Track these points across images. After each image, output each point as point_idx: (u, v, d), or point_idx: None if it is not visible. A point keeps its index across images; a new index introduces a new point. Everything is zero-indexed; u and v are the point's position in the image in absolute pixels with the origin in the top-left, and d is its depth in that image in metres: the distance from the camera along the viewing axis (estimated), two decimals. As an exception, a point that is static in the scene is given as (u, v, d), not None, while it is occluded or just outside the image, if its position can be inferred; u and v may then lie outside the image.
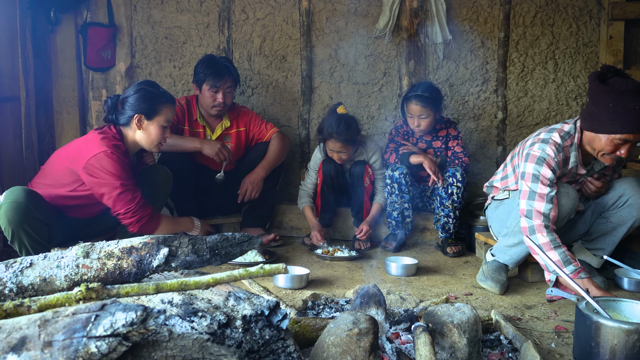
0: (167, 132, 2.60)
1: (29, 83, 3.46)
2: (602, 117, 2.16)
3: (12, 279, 1.32)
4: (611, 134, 2.15)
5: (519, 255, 2.45)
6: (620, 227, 2.40)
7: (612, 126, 2.14)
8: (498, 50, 3.84)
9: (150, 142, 2.57)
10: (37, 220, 2.36)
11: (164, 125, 2.56)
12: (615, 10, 3.67)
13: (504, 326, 1.83)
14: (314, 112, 3.93)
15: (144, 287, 1.18)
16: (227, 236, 1.45)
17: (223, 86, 3.15)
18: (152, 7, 3.80)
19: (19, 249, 2.41)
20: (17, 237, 2.36)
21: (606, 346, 1.57)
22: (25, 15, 3.43)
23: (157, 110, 2.52)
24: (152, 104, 2.51)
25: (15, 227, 2.32)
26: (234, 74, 3.22)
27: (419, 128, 3.23)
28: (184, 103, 3.26)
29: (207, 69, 3.13)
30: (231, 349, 1.12)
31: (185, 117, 3.24)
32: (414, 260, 2.77)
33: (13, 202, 2.30)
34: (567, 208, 2.31)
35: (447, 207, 3.13)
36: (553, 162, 2.29)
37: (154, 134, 2.54)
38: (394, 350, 1.56)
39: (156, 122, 2.53)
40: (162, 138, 2.58)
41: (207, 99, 3.17)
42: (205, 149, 3.07)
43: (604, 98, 2.15)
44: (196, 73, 3.20)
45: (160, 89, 2.60)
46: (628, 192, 2.36)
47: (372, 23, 3.83)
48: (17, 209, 2.30)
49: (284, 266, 1.29)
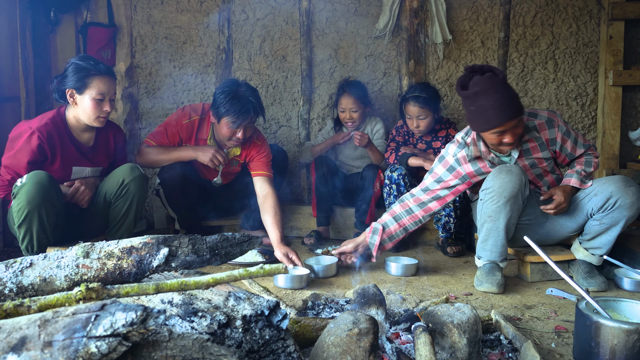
0: (105, 104, 2.53)
1: (29, 83, 3.46)
2: (472, 119, 2.35)
3: (12, 279, 1.32)
4: (485, 131, 2.34)
5: (496, 247, 2.47)
6: (615, 227, 2.41)
7: (482, 125, 2.33)
8: (498, 50, 3.84)
9: (87, 117, 2.54)
10: (53, 206, 2.38)
11: (98, 99, 2.49)
12: (615, 10, 3.67)
13: (504, 326, 1.83)
14: (314, 112, 3.93)
15: (144, 287, 1.18)
16: (227, 236, 1.45)
17: (244, 123, 2.86)
18: (152, 7, 3.80)
19: (24, 236, 2.40)
20: (29, 221, 2.36)
21: (606, 346, 1.57)
22: (25, 15, 3.43)
23: (86, 84, 2.48)
24: (81, 77, 2.47)
25: (32, 208, 2.33)
26: (259, 109, 2.88)
27: (418, 129, 3.25)
28: (196, 120, 3.00)
29: (229, 105, 2.79)
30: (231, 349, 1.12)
31: (193, 136, 3.02)
32: (414, 260, 2.77)
33: (37, 182, 2.32)
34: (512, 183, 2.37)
35: (448, 206, 3.13)
36: (451, 160, 2.56)
37: (88, 107, 2.50)
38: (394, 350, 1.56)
39: (88, 95, 2.48)
40: (98, 111, 2.52)
41: (224, 133, 2.89)
42: (200, 156, 2.92)
43: (466, 103, 2.33)
44: (215, 103, 2.86)
45: (92, 62, 2.50)
46: (615, 193, 2.36)
47: (372, 23, 3.83)
48: (40, 191, 2.32)
49: (283, 266, 1.29)
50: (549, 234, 2.64)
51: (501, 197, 2.40)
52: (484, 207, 2.46)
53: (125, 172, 2.61)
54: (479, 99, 2.26)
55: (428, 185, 2.64)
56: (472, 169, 2.56)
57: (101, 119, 2.56)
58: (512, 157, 2.50)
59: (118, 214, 2.65)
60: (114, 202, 2.64)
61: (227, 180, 3.21)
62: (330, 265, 2.66)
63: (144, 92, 3.85)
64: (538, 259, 2.54)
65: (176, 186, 2.97)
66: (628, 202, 2.35)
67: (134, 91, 3.83)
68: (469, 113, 2.35)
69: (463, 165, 2.56)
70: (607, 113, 3.77)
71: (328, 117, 3.88)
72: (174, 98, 3.87)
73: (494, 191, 2.42)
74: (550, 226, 2.62)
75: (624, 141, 3.82)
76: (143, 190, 2.66)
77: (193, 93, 3.87)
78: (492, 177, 2.44)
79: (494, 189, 2.42)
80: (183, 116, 3.02)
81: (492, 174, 2.45)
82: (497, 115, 2.25)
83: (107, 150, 2.78)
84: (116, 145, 2.81)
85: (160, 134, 3.00)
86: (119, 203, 2.63)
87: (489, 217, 2.45)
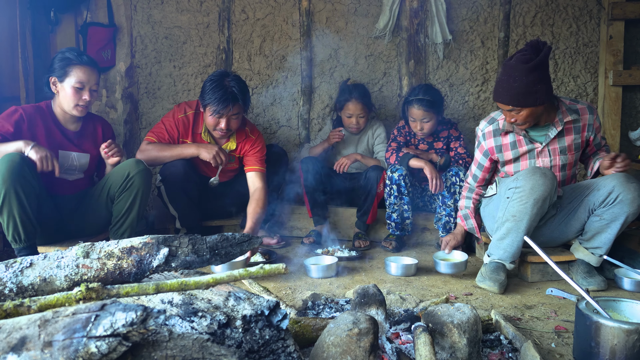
0: (84, 93, 2.63)
1: (29, 83, 3.46)
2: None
3: (12, 279, 1.32)
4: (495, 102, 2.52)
5: (512, 247, 2.47)
6: (614, 223, 2.41)
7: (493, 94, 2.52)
8: (498, 50, 3.83)
9: (67, 104, 2.64)
10: (29, 184, 2.39)
11: (77, 87, 2.61)
12: (615, 10, 3.68)
13: (504, 326, 1.83)
14: (314, 112, 3.93)
15: (144, 287, 1.18)
16: (227, 236, 1.45)
17: (228, 114, 2.90)
18: (152, 7, 3.80)
19: (7, 221, 2.39)
20: (8, 203, 2.36)
21: (606, 346, 1.57)
22: (25, 15, 3.43)
23: (67, 72, 2.60)
24: (63, 66, 2.60)
25: (8, 187, 2.34)
26: (242, 100, 2.90)
27: (422, 131, 3.25)
28: (191, 114, 3.05)
29: (212, 93, 2.85)
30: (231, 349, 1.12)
31: (189, 130, 3.05)
32: (414, 260, 2.77)
33: (9, 161, 2.35)
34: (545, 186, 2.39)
35: (449, 206, 3.13)
36: (479, 134, 2.75)
37: (68, 95, 2.61)
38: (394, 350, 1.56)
39: (67, 83, 2.60)
40: (77, 99, 2.63)
41: (209, 122, 2.95)
42: (203, 153, 2.94)
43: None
44: (202, 91, 2.93)
45: (75, 53, 2.64)
46: (617, 188, 2.38)
47: (372, 23, 3.83)
48: (13, 168, 2.34)
49: (284, 266, 1.29)
50: (555, 235, 2.63)
51: (530, 198, 2.38)
52: (510, 205, 2.44)
53: (131, 165, 2.63)
54: (501, 71, 2.45)
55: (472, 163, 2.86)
56: (493, 144, 2.67)
57: (79, 108, 2.66)
58: (549, 135, 2.56)
59: (122, 209, 2.64)
60: (118, 196, 2.64)
61: (225, 179, 3.21)
62: (330, 265, 2.66)
63: (144, 92, 3.85)
64: (538, 259, 2.54)
65: (177, 183, 2.97)
66: (629, 198, 2.35)
67: (134, 91, 3.83)
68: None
69: (487, 139, 2.69)
70: (607, 113, 3.77)
71: (328, 117, 3.88)
72: (174, 98, 3.87)
73: (524, 191, 2.40)
74: (557, 227, 2.61)
75: (624, 141, 3.82)
76: (147, 184, 2.67)
77: (193, 93, 3.87)
78: (524, 177, 2.43)
79: (524, 188, 2.40)
80: (178, 111, 3.07)
81: (525, 173, 2.44)
82: (496, 91, 2.45)
83: (95, 139, 2.83)
84: (104, 137, 2.85)
85: (159, 129, 3.04)
86: (123, 197, 2.63)
87: (512, 216, 2.43)
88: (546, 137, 2.56)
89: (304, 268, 2.70)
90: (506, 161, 2.67)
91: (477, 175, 2.84)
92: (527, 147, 2.60)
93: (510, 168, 2.68)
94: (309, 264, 2.68)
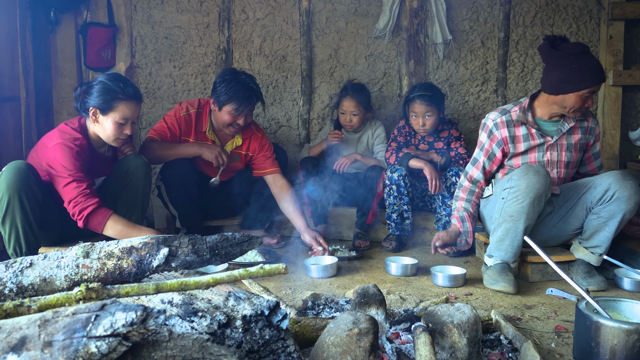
0: (126, 128, 2.52)
1: (29, 83, 3.46)
2: (569, 78, 2.43)
3: (12, 279, 1.32)
4: (580, 90, 2.43)
5: (512, 247, 2.47)
6: (612, 221, 2.42)
7: (581, 83, 2.43)
8: (498, 50, 3.84)
9: (106, 137, 2.54)
10: (34, 192, 2.35)
11: (120, 122, 2.49)
12: (615, 10, 3.68)
13: (504, 326, 1.83)
14: (314, 112, 3.93)
15: (144, 287, 1.18)
16: (227, 236, 1.45)
17: (247, 109, 2.96)
18: (152, 7, 3.80)
19: (9, 232, 2.36)
20: (11, 211, 2.32)
21: (606, 346, 1.57)
22: (25, 15, 3.43)
23: (112, 107, 2.46)
24: (108, 100, 2.46)
25: (12, 193, 2.30)
26: (260, 95, 2.99)
27: (424, 127, 3.25)
28: (194, 113, 3.05)
29: (233, 92, 2.88)
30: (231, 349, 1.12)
31: (192, 128, 3.05)
32: (414, 260, 2.77)
33: (15, 167, 2.32)
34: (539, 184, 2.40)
35: (449, 206, 3.13)
36: (491, 124, 2.68)
37: (109, 129, 2.50)
38: (394, 350, 1.56)
39: (111, 118, 2.48)
40: (118, 134, 2.52)
41: (226, 120, 2.97)
42: (205, 153, 2.94)
43: (565, 62, 2.44)
44: (216, 91, 2.94)
45: (121, 84, 2.48)
46: (614, 186, 2.38)
47: (372, 23, 3.83)
48: (19, 174, 2.31)
49: (284, 266, 1.29)
50: (553, 233, 2.64)
51: (526, 197, 2.39)
52: (506, 206, 2.45)
53: (130, 160, 2.64)
54: (583, 58, 2.42)
55: (475, 156, 2.77)
56: (507, 134, 2.65)
57: (119, 141, 2.57)
58: (561, 130, 2.60)
59: (124, 206, 2.64)
60: (120, 192, 2.64)
61: (227, 177, 3.21)
62: (330, 265, 2.66)
63: (144, 92, 3.85)
64: (538, 259, 2.54)
65: (178, 182, 2.96)
66: (626, 195, 2.36)
67: (134, 91, 3.83)
68: (566, 72, 2.42)
69: (500, 129, 2.67)
70: (607, 113, 3.77)
71: (328, 117, 3.88)
72: (174, 98, 3.87)
73: (519, 190, 2.41)
74: (555, 225, 2.63)
75: (624, 141, 3.82)
76: (148, 177, 2.67)
77: (193, 93, 3.87)
78: (518, 176, 2.44)
79: (519, 188, 2.41)
80: (180, 109, 3.07)
81: (518, 173, 2.45)
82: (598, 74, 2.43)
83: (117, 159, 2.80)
84: None
85: (161, 127, 3.03)
86: (126, 193, 2.63)
87: (510, 216, 2.44)
88: (558, 131, 2.60)
89: (304, 268, 2.69)
90: (516, 153, 2.67)
91: (476, 159, 2.75)
92: (539, 141, 2.62)
93: (517, 160, 2.68)
94: (309, 264, 2.68)
